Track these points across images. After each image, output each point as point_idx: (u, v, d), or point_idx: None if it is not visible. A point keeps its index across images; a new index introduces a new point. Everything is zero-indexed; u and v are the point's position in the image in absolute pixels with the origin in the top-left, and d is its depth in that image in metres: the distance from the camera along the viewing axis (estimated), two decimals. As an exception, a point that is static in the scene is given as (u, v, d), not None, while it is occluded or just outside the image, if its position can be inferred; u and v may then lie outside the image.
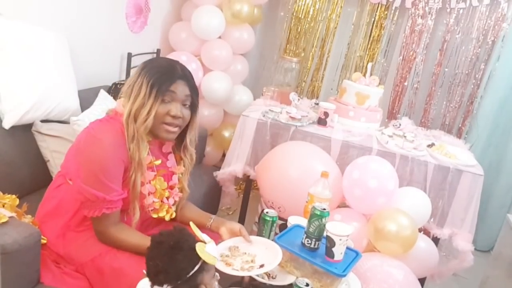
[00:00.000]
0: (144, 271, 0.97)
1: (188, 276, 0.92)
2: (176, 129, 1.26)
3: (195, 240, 0.98)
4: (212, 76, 2.56)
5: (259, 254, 1.26)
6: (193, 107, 1.30)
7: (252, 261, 1.23)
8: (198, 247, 0.94)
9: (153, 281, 0.94)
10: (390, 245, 1.61)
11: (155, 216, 1.33)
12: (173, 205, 1.38)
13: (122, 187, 1.22)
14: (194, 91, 1.29)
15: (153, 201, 1.30)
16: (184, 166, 1.38)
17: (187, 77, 1.26)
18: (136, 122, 1.19)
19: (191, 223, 1.08)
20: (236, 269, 1.17)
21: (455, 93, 2.79)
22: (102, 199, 1.17)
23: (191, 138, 1.36)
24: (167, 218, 1.37)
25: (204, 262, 0.94)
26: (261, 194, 1.99)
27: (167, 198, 1.36)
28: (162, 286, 0.92)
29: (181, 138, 1.34)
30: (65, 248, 1.23)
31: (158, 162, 1.30)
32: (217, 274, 1.03)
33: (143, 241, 1.20)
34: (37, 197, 1.37)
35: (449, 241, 1.93)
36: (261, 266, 1.19)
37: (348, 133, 2.09)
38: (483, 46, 2.68)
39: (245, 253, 1.27)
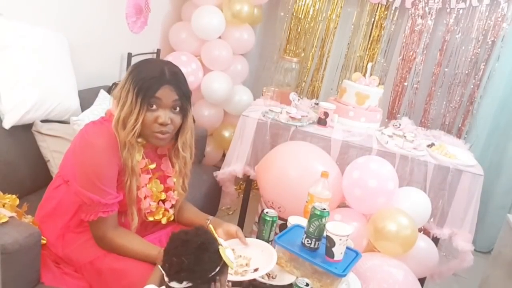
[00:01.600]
0: (160, 267, 0.97)
1: (209, 276, 0.94)
2: (166, 136, 1.23)
3: (217, 243, 1.00)
4: (212, 76, 2.56)
5: (254, 257, 1.25)
6: (184, 111, 1.25)
7: (246, 264, 1.23)
8: (221, 249, 0.97)
9: (173, 278, 0.94)
10: (390, 245, 1.62)
11: (151, 219, 1.32)
12: (170, 208, 1.37)
13: (117, 190, 1.21)
14: (184, 95, 1.23)
15: (150, 204, 1.30)
16: (177, 169, 1.35)
17: (175, 81, 1.21)
18: (124, 129, 1.17)
19: (210, 226, 1.08)
20: (230, 273, 1.17)
21: (455, 93, 2.79)
22: (98, 203, 1.16)
23: (183, 142, 1.31)
24: (163, 221, 1.36)
25: (223, 264, 0.97)
26: (261, 194, 1.99)
27: (164, 201, 1.35)
28: (181, 283, 0.93)
29: (174, 142, 1.32)
30: (64, 249, 1.23)
31: (153, 166, 1.29)
32: (229, 282, 1.04)
33: (145, 247, 1.21)
34: (37, 197, 1.37)
35: (449, 241, 1.93)
36: (256, 270, 1.19)
37: (348, 133, 2.09)
38: (483, 46, 2.68)
39: (241, 256, 1.27)
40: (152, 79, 1.18)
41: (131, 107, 1.17)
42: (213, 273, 0.94)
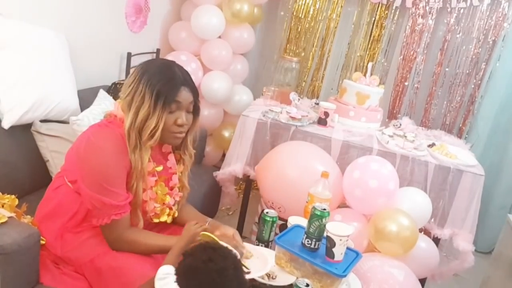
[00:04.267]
0: None
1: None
2: (182, 135, 1.27)
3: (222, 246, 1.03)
4: (212, 76, 2.55)
5: (248, 262, 1.24)
6: (196, 111, 1.30)
7: None
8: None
9: None
10: (391, 245, 1.61)
11: (156, 221, 1.33)
12: (173, 205, 1.38)
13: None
14: (196, 94, 1.28)
15: (154, 207, 1.30)
16: (183, 164, 1.38)
17: (187, 81, 1.24)
18: (141, 134, 1.18)
19: (208, 234, 1.12)
20: None
21: (456, 93, 2.79)
22: (109, 205, 1.16)
23: (192, 137, 1.35)
24: (168, 220, 1.36)
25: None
26: (261, 194, 1.99)
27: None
28: None
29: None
30: (63, 250, 1.23)
31: (160, 168, 1.29)
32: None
33: (164, 240, 1.23)
34: (36, 197, 1.37)
35: (450, 241, 1.92)
36: (247, 273, 1.18)
37: (348, 133, 2.08)
38: (484, 45, 2.67)
39: None
40: (170, 82, 1.19)
41: (148, 111, 1.17)
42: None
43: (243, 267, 1.03)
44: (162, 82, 1.18)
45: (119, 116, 1.22)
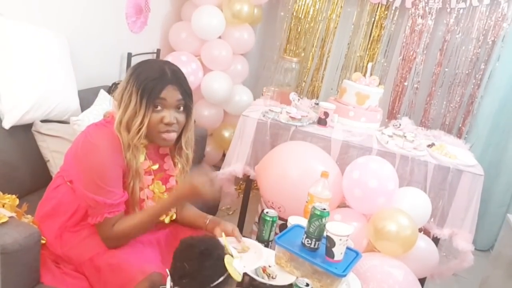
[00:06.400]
0: (168, 270, 0.96)
1: (212, 285, 0.92)
2: (172, 135, 1.24)
3: (224, 251, 0.98)
4: (212, 76, 2.56)
5: (245, 257, 1.24)
6: (187, 110, 1.27)
7: None
8: (227, 259, 0.95)
9: (176, 283, 0.93)
10: (390, 245, 1.61)
11: None
12: None
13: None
14: (187, 94, 1.25)
15: None
16: (180, 168, 1.36)
17: (178, 80, 1.22)
18: (129, 132, 1.18)
19: (223, 235, 1.08)
20: None
21: (455, 93, 2.79)
22: (103, 204, 1.16)
23: (186, 140, 1.33)
24: (166, 220, 1.36)
25: (229, 275, 0.94)
26: (261, 194, 1.99)
27: None
28: None
29: (176, 140, 1.32)
30: (62, 249, 1.23)
31: (156, 167, 1.29)
32: None
33: (151, 208, 1.25)
34: (37, 197, 1.37)
35: (449, 241, 1.92)
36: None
37: (348, 133, 2.08)
38: (483, 46, 2.67)
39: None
40: (155, 80, 1.19)
41: (135, 109, 1.18)
42: (215, 283, 0.92)
43: (228, 253, 1.02)
44: (149, 79, 1.18)
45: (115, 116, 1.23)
